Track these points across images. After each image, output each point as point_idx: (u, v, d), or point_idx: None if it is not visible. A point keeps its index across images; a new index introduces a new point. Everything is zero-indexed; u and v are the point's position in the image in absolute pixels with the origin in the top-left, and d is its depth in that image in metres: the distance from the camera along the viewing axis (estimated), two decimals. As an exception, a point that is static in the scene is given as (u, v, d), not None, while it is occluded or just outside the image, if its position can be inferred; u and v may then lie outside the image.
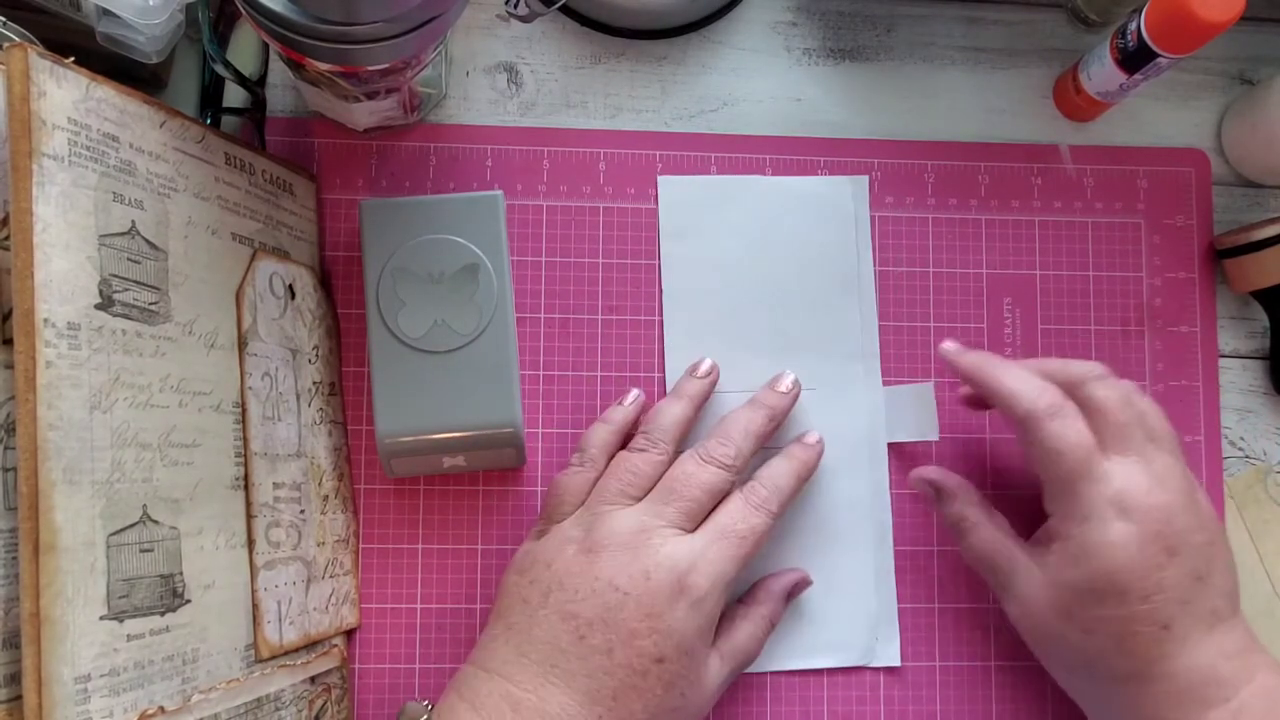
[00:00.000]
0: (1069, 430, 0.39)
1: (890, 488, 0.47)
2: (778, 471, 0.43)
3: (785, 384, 0.45)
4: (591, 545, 0.39)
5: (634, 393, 0.46)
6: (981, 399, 0.45)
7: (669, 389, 0.46)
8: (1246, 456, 0.49)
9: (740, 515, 0.41)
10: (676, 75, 0.50)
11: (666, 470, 0.42)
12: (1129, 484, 0.38)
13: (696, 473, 0.41)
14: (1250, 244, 0.48)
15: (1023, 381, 0.41)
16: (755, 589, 0.44)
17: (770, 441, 0.45)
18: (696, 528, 0.40)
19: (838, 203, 0.49)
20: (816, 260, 0.48)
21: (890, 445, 0.48)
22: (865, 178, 0.49)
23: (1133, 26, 0.44)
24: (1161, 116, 0.51)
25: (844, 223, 0.49)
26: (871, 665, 0.46)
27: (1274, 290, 0.48)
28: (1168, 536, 0.38)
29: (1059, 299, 0.49)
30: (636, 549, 0.39)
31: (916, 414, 0.47)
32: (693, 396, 0.45)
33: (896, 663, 0.46)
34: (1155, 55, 0.44)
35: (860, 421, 0.47)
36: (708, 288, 0.48)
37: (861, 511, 0.47)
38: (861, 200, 0.49)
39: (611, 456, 0.43)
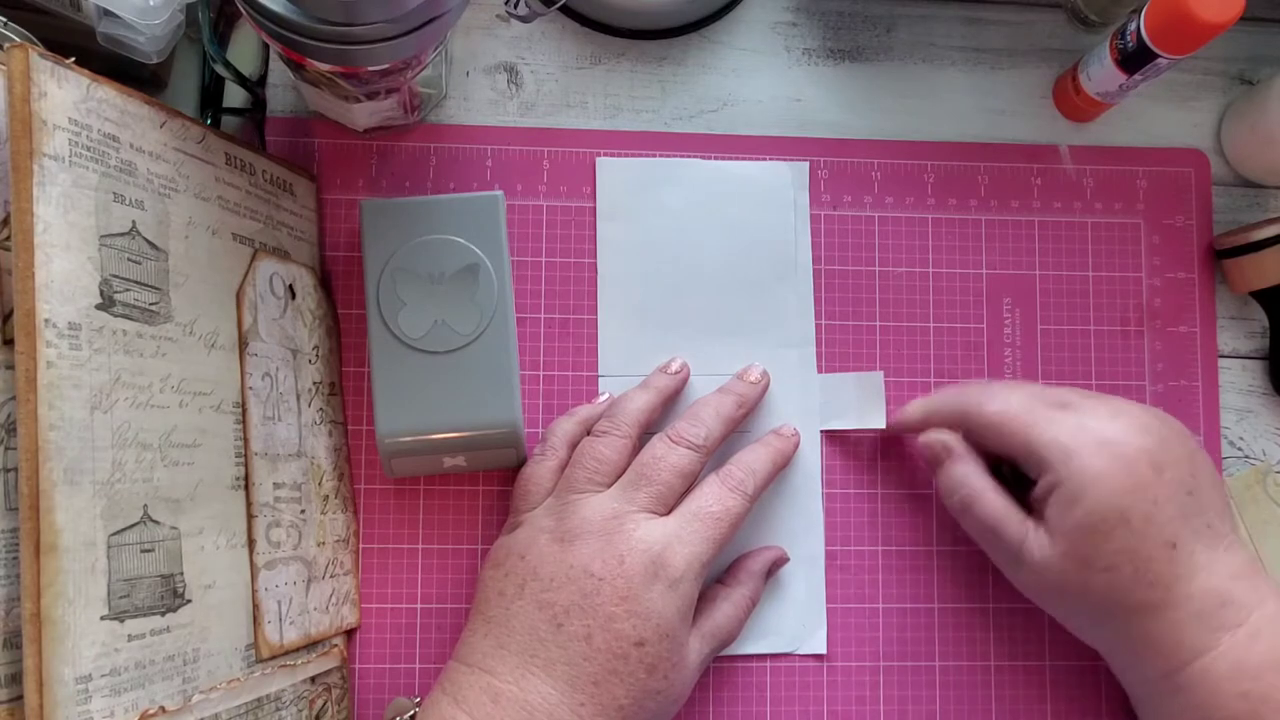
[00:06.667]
0: (1002, 400, 0.42)
1: (822, 475, 0.47)
2: (753, 456, 0.43)
3: (754, 374, 0.46)
4: (564, 534, 0.39)
5: (605, 394, 0.46)
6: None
7: (601, 382, 0.47)
8: (1246, 456, 0.49)
9: (715, 497, 0.41)
10: (676, 75, 0.50)
11: (631, 456, 0.42)
12: (1090, 420, 0.40)
13: (666, 454, 0.41)
14: (1249, 244, 0.48)
15: (945, 397, 0.44)
16: (734, 568, 0.45)
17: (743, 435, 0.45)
18: (670, 511, 0.41)
19: (777, 188, 0.49)
20: (753, 245, 0.48)
21: (828, 436, 0.47)
22: (806, 163, 0.49)
23: (1132, 27, 0.44)
24: (1161, 116, 0.52)
25: (783, 208, 0.49)
26: (799, 652, 0.46)
27: (1273, 290, 0.48)
28: (1151, 452, 0.39)
29: (1059, 299, 0.49)
30: (610, 534, 0.39)
31: (860, 401, 0.47)
32: (660, 389, 0.45)
33: (823, 650, 0.46)
34: (1155, 56, 0.44)
35: (793, 409, 0.47)
36: (643, 271, 0.48)
37: (790, 499, 0.47)
38: (801, 186, 0.49)
39: (574, 446, 0.44)
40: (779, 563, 0.45)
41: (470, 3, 0.38)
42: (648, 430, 0.44)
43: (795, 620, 0.46)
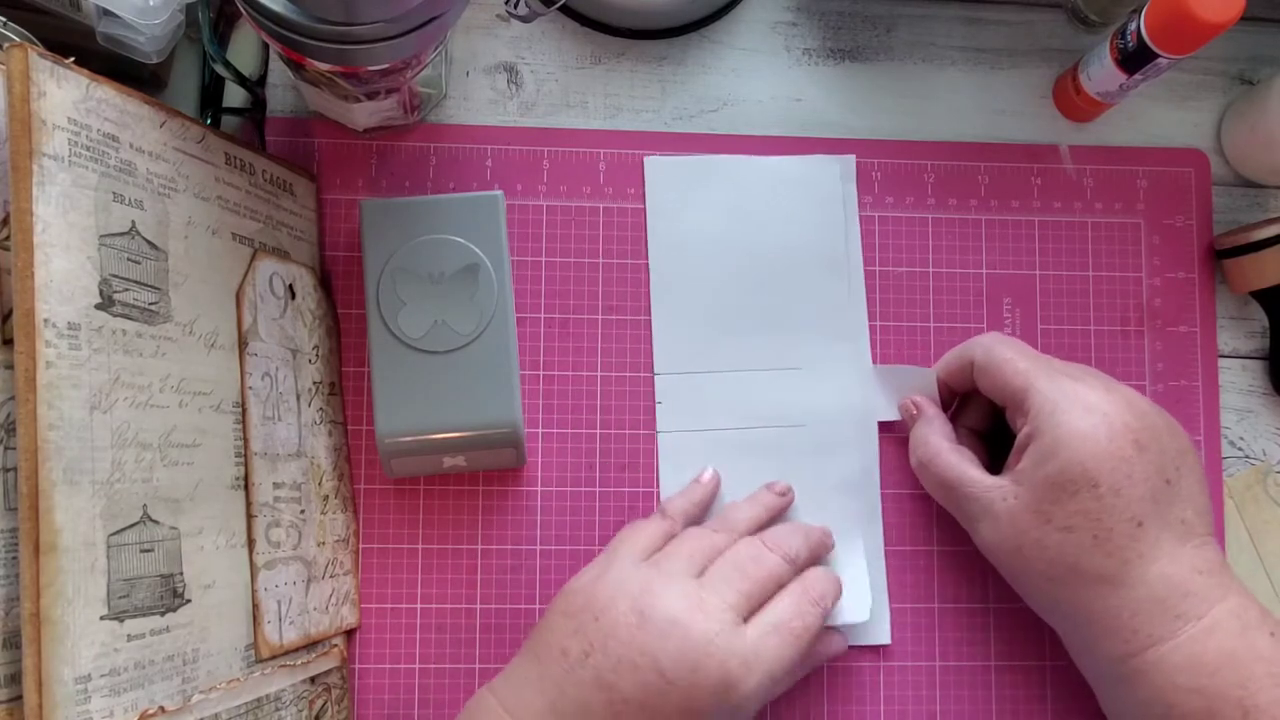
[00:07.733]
0: (1014, 349, 0.43)
1: (880, 467, 0.47)
2: (828, 574, 0.43)
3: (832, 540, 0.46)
4: (645, 608, 0.38)
5: (709, 471, 0.46)
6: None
7: (657, 380, 0.47)
8: (1246, 456, 0.49)
9: (796, 610, 0.40)
10: (676, 75, 0.50)
11: None
12: (1086, 389, 0.40)
13: (764, 556, 0.41)
14: (1249, 244, 0.48)
15: (966, 343, 0.45)
16: None
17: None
18: (750, 615, 0.39)
19: (824, 182, 0.49)
20: (803, 239, 0.48)
21: (884, 430, 0.48)
22: (852, 157, 0.49)
23: (1132, 27, 0.44)
24: (1161, 116, 0.52)
25: (831, 202, 0.49)
26: (863, 643, 0.46)
27: (1273, 290, 0.48)
28: (1136, 430, 0.39)
29: (1059, 299, 0.49)
30: (688, 629, 0.37)
31: (915, 395, 0.47)
32: (768, 506, 0.45)
33: (887, 640, 0.46)
34: (1155, 55, 0.44)
35: (848, 401, 0.47)
36: (694, 267, 0.48)
37: (850, 491, 0.47)
38: (849, 179, 0.49)
39: (689, 522, 0.44)
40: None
41: (470, 3, 0.38)
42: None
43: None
